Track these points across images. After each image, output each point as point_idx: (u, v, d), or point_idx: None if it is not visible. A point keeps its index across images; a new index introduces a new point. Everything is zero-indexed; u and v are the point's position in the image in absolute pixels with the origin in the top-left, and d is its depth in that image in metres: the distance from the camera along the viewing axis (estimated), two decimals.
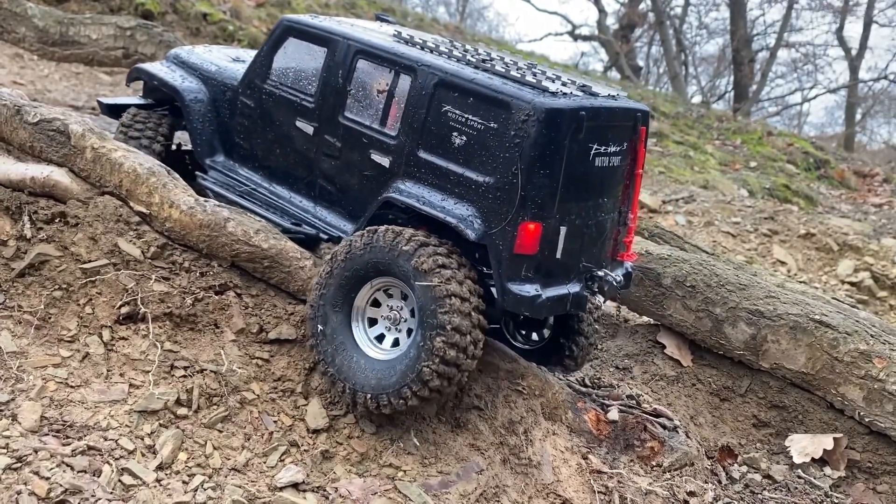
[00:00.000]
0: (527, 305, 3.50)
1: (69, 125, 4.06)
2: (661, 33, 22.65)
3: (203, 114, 4.57)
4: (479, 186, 3.50)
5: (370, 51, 3.91)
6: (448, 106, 3.59)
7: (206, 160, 4.56)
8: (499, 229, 3.44)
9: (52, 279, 3.80)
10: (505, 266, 3.46)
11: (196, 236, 3.90)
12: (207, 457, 3.38)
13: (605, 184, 3.72)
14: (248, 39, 11.13)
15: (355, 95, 3.96)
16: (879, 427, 4.19)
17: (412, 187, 3.68)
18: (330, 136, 4.03)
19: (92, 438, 3.25)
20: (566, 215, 3.54)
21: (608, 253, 3.91)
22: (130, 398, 3.49)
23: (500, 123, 3.44)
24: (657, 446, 3.90)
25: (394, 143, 3.77)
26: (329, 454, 3.55)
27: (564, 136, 3.41)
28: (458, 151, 3.57)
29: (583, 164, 3.54)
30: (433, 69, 3.65)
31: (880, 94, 22.94)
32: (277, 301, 4.01)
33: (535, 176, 3.39)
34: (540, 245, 3.46)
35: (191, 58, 4.84)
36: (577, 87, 3.66)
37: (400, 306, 3.64)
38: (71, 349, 3.64)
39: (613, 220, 3.87)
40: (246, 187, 4.41)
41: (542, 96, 3.41)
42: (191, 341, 3.79)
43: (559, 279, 3.62)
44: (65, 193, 4.01)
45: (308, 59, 4.15)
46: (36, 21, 7.85)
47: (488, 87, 3.49)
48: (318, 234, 4.11)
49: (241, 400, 3.65)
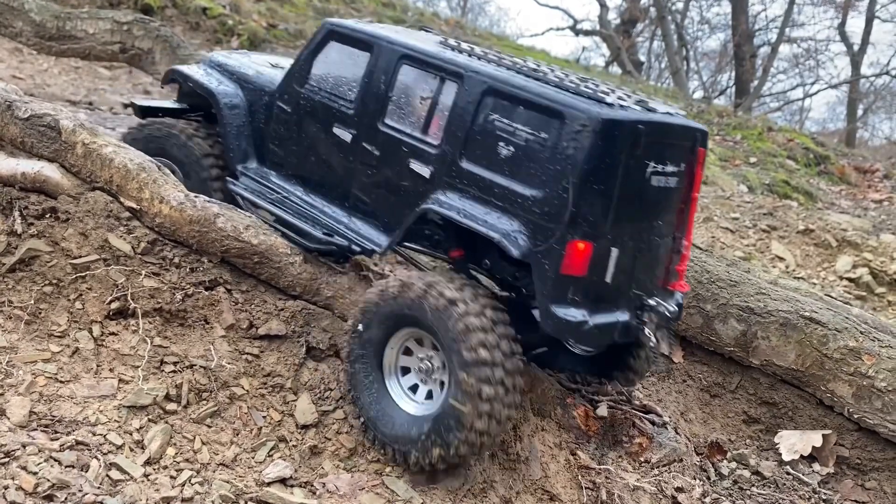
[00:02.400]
0: (571, 332, 3.30)
1: (60, 120, 4.06)
2: (663, 28, 22.57)
3: (238, 119, 4.45)
4: (526, 200, 3.31)
5: (415, 56, 3.77)
6: (496, 114, 3.43)
7: (239, 166, 4.41)
8: (545, 247, 3.24)
9: (42, 274, 3.81)
10: (550, 287, 3.25)
11: (186, 232, 3.90)
12: (196, 452, 3.40)
13: (660, 205, 3.53)
14: (247, 34, 11.12)
15: (397, 102, 3.82)
16: (868, 424, 4.20)
17: (453, 199, 3.51)
18: (368, 144, 3.88)
19: (80, 433, 3.26)
20: (619, 236, 3.34)
21: (660, 281, 3.67)
22: (120, 393, 3.51)
23: (552, 134, 3.27)
24: (646, 442, 3.91)
25: (435, 152, 3.62)
26: (317, 450, 3.57)
27: (621, 151, 3.23)
28: (504, 162, 3.40)
29: (639, 182, 3.35)
30: (481, 75, 3.50)
31: (882, 90, 22.85)
32: (267, 297, 4.02)
33: (587, 191, 3.21)
34: (589, 267, 3.25)
35: (228, 62, 4.72)
36: (634, 101, 3.48)
37: (430, 356, 3.49)
38: (61, 344, 3.65)
39: (667, 245, 3.64)
40: (278, 195, 4.26)
41: (599, 107, 3.23)
42: (181, 337, 3.80)
43: (608, 305, 3.41)
44: (56, 189, 4.01)
45: (349, 64, 4.03)
46: (33, 15, 7.82)
47: (541, 95, 3.32)
48: (351, 245, 3.93)
49: (231, 395, 3.66)
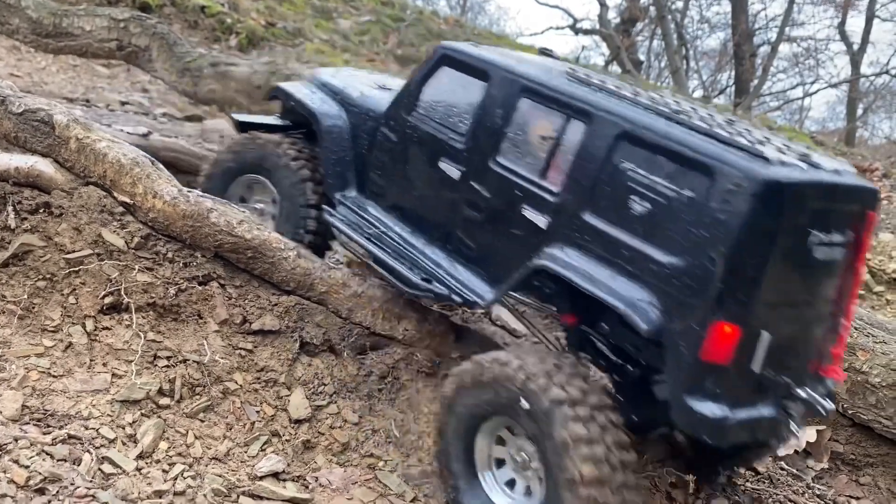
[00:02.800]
0: (708, 429, 2.81)
1: (53, 115, 4.06)
2: (663, 27, 22.56)
3: (339, 143, 4.13)
4: (662, 268, 2.83)
5: (538, 89, 3.33)
6: (630, 163, 2.96)
7: (337, 194, 4.08)
8: (683, 326, 2.76)
9: (35, 269, 3.80)
10: (685, 375, 2.77)
11: (179, 227, 3.90)
12: (188, 446, 3.40)
13: (822, 281, 3.02)
14: (246, 32, 11.12)
15: (513, 139, 3.40)
16: (863, 419, 4.19)
17: (572, 257, 3.06)
18: (477, 184, 3.48)
19: (73, 427, 3.26)
20: (772, 317, 2.83)
21: (811, 366, 3.14)
22: (113, 388, 3.50)
23: (700, 193, 2.78)
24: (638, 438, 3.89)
25: (554, 200, 3.19)
26: (310, 444, 3.57)
27: (782, 217, 2.73)
28: (637, 220, 2.92)
29: (800, 254, 2.85)
30: (615, 117, 3.04)
31: (882, 90, 22.80)
32: (261, 292, 4.02)
33: (739, 264, 2.72)
34: (735, 353, 2.76)
35: (333, 81, 4.43)
36: (797, 155, 2.95)
37: (520, 444, 3.09)
38: (54, 339, 3.65)
39: (825, 325, 3.12)
40: (375, 230, 3.92)
41: (758, 163, 2.72)
42: (174, 332, 3.80)
43: (752, 398, 2.92)
44: (49, 184, 4.01)
45: (463, 93, 3.64)
46: (30, 12, 7.82)
47: (687, 145, 2.84)
48: (451, 294, 3.51)
49: (224, 390, 3.66)
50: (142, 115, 7.32)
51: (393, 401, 3.84)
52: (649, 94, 3.43)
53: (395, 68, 11.95)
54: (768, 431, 3.01)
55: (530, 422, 2.91)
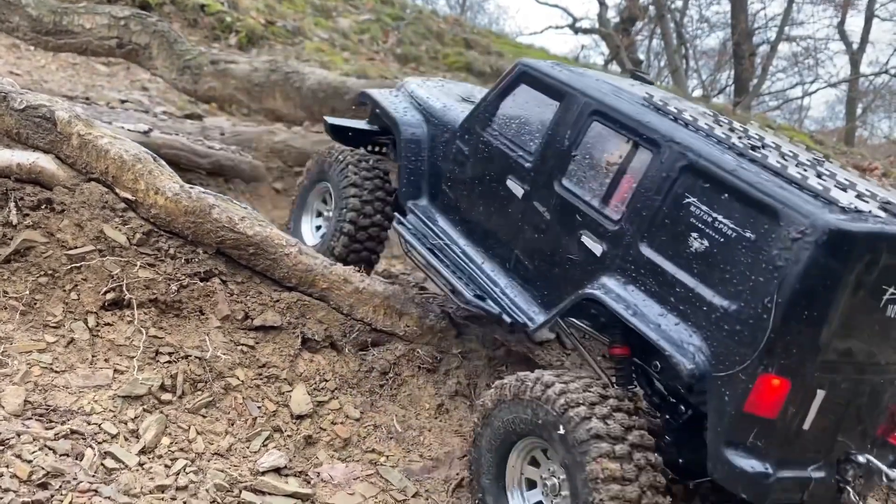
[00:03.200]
0: (747, 485, 2.67)
1: (55, 112, 4.06)
2: (662, 27, 22.58)
3: (416, 152, 4.17)
4: (714, 310, 2.72)
5: (608, 113, 3.28)
6: (693, 198, 2.85)
7: (409, 202, 4.13)
8: (728, 374, 2.63)
9: (37, 265, 3.81)
10: (727, 425, 2.65)
11: (181, 223, 3.91)
12: (190, 441, 3.40)
13: (893, 340, 2.81)
14: (245, 31, 11.12)
15: (580, 162, 3.35)
16: None
17: (623, 289, 2.98)
18: (540, 204, 3.44)
19: (75, 423, 3.27)
20: (829, 375, 2.67)
21: (879, 431, 2.94)
22: (115, 383, 3.51)
23: (761, 236, 2.65)
24: None
25: (613, 228, 3.11)
26: (312, 440, 3.58)
27: (850, 270, 2.56)
28: (694, 258, 2.81)
29: (868, 310, 2.66)
30: (682, 148, 2.94)
31: (881, 89, 22.83)
32: (263, 288, 4.02)
33: (795, 315, 2.57)
34: (783, 409, 2.63)
35: (419, 90, 4.50)
36: (880, 203, 2.79)
37: (552, 468, 3.02)
38: (56, 334, 3.66)
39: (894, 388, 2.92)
40: (439, 241, 3.93)
41: (827, 211, 2.57)
42: (176, 327, 3.80)
43: (800, 457, 2.75)
44: (51, 180, 4.02)
45: (537, 112, 3.63)
46: (30, 10, 7.82)
47: (752, 184, 2.71)
48: (502, 314, 3.47)
49: (226, 386, 3.66)
50: (142, 113, 7.32)
51: (394, 396, 3.85)
52: (732, 125, 3.32)
53: (395, 67, 11.96)
54: (818, 495, 2.81)
55: (564, 449, 2.84)
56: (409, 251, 3.99)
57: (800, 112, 25.33)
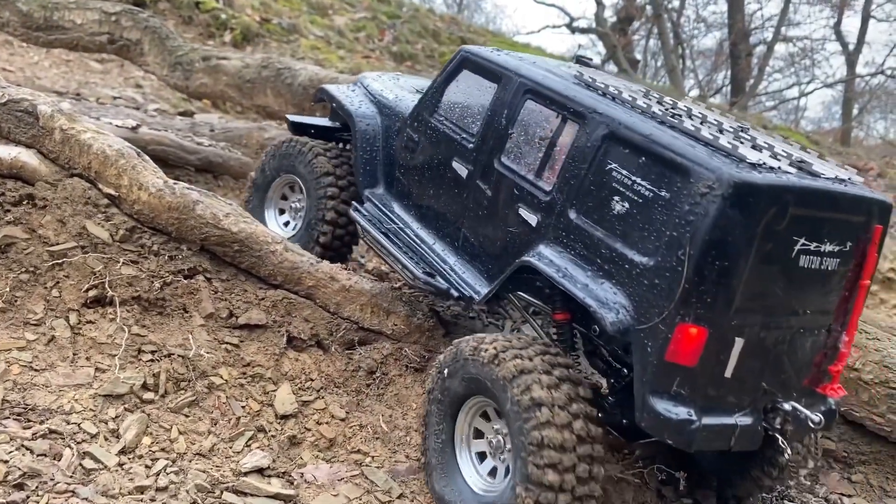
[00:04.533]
0: (672, 431, 2.76)
1: (38, 106, 4.00)
2: (659, 26, 22.54)
3: (371, 142, 4.32)
4: (635, 267, 2.85)
5: (540, 91, 3.43)
6: (614, 164, 3.00)
7: (366, 191, 4.27)
8: (649, 326, 2.75)
9: (18, 262, 3.75)
10: (650, 375, 2.76)
11: (165, 219, 3.85)
12: (172, 441, 3.34)
13: (811, 291, 2.91)
14: (240, 28, 11.05)
15: (516, 140, 3.50)
16: (855, 417, 4.16)
17: (556, 255, 3.12)
18: (482, 182, 3.59)
19: (54, 422, 3.21)
20: (746, 324, 2.78)
21: (805, 381, 3.06)
22: (96, 382, 3.45)
23: (674, 193, 2.78)
24: None
25: (546, 199, 3.26)
26: (296, 440, 3.52)
27: (757, 222, 2.67)
28: (616, 220, 2.96)
29: (781, 261, 2.78)
30: (604, 118, 3.10)
31: (877, 90, 22.80)
32: (248, 286, 3.97)
33: (707, 266, 2.67)
34: (702, 357, 2.72)
35: (374, 84, 4.66)
36: (793, 161, 2.93)
37: (504, 431, 3.09)
38: (37, 332, 3.59)
39: (819, 339, 3.02)
40: (393, 226, 4.07)
41: (735, 166, 2.70)
42: (159, 325, 3.74)
43: (725, 405, 2.86)
44: (33, 175, 3.96)
45: (478, 95, 3.78)
46: (20, 5, 7.74)
47: (666, 146, 2.85)
48: (450, 289, 3.62)
49: (209, 385, 3.61)
50: (132, 110, 7.25)
51: (381, 396, 3.80)
52: (660, 98, 3.42)
53: (391, 65, 11.90)
54: (745, 441, 2.92)
55: (510, 412, 2.93)
56: (364, 236, 4.15)
57: (796, 112, 25.34)
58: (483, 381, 3.04)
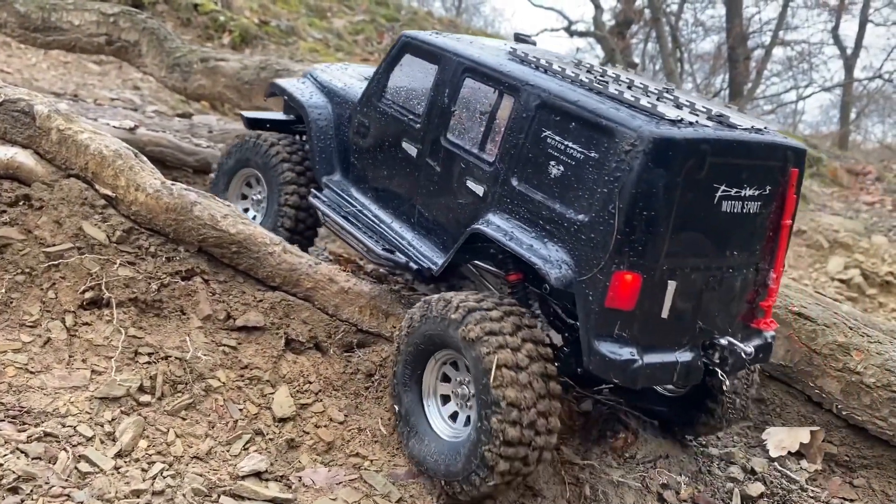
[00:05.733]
0: (617, 371, 3.00)
1: (34, 106, 3.97)
2: (658, 30, 22.57)
3: (324, 131, 4.49)
4: (573, 225, 3.07)
5: (477, 68, 3.63)
6: (548, 131, 3.21)
7: (324, 178, 4.45)
8: (589, 277, 2.98)
9: (14, 263, 3.71)
10: (594, 321, 2.99)
11: (162, 220, 3.82)
12: (169, 444, 3.31)
13: (735, 234, 3.15)
14: (239, 30, 11.03)
15: (459, 117, 3.70)
16: (857, 420, 4.14)
17: (503, 221, 3.33)
18: (431, 160, 3.78)
19: (49, 425, 3.17)
20: (677, 267, 3.01)
21: (739, 317, 3.31)
22: (92, 384, 3.42)
23: (601, 153, 3.00)
24: (630, 437, 3.84)
25: (489, 169, 3.46)
26: (295, 443, 3.48)
27: (677, 173, 2.89)
28: (553, 183, 3.18)
29: (704, 207, 3.00)
30: (537, 89, 3.30)
31: (875, 94, 22.86)
32: (246, 287, 3.94)
33: (635, 217, 2.90)
34: (639, 300, 2.96)
35: (322, 75, 4.81)
36: (711, 115, 3.15)
37: (467, 380, 3.28)
38: (32, 334, 3.56)
39: (748, 278, 3.26)
40: (352, 208, 4.25)
41: (655, 123, 2.91)
42: (156, 327, 3.71)
43: (665, 343, 3.10)
44: (29, 175, 3.93)
45: (420, 78, 3.96)
46: (17, 6, 7.71)
47: (592, 110, 3.07)
48: (409, 262, 3.80)
49: (207, 387, 3.57)
50: (129, 111, 7.22)
51: (380, 399, 3.76)
52: (590, 67, 3.68)
53: None
54: (686, 376, 3.17)
55: (476, 369, 3.10)
56: (325, 221, 4.31)
57: (794, 116, 25.36)
58: (451, 338, 3.20)
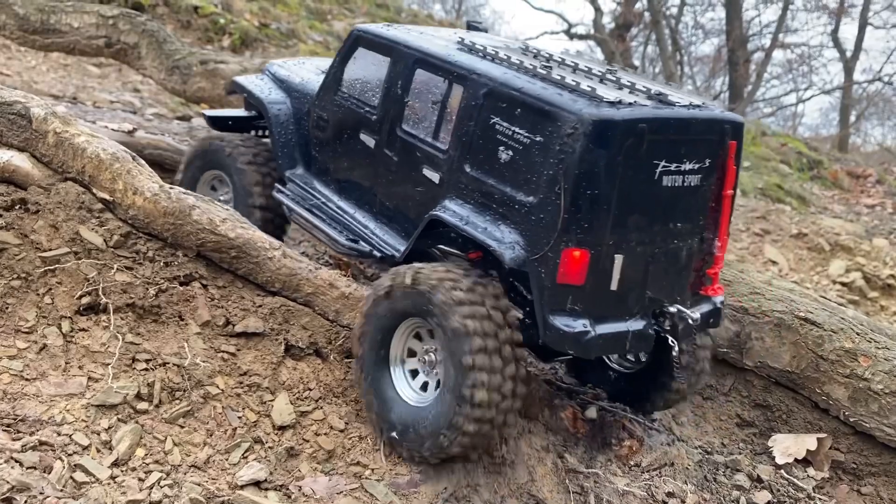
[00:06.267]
0: (571, 342, 3.17)
1: (31, 108, 3.92)
2: (657, 33, 22.55)
3: (285, 126, 4.54)
4: (523, 207, 3.22)
5: (427, 60, 3.74)
6: (496, 118, 3.34)
7: (287, 173, 4.50)
8: (540, 255, 3.14)
9: (10, 268, 3.66)
10: (547, 297, 3.15)
11: (160, 224, 3.77)
12: (166, 453, 3.25)
13: (677, 206, 3.31)
14: (239, 32, 10.99)
15: (412, 107, 3.80)
16: (864, 427, 4.08)
17: (459, 206, 3.45)
18: (388, 150, 3.89)
19: (45, 433, 3.12)
20: (623, 242, 3.18)
21: (688, 286, 3.48)
22: (88, 392, 3.36)
23: (546, 137, 3.15)
24: (636, 445, 3.79)
25: (444, 157, 3.58)
26: (294, 451, 3.43)
27: (617, 152, 3.05)
28: (503, 168, 3.31)
29: (645, 183, 3.16)
30: (484, 78, 3.42)
31: (875, 96, 22.84)
32: (245, 293, 3.88)
33: (580, 196, 3.06)
34: (588, 274, 3.12)
35: (280, 70, 4.84)
36: (650, 95, 3.28)
37: (434, 347, 3.38)
38: (28, 340, 3.50)
39: (693, 248, 3.42)
40: (316, 201, 4.33)
41: (594, 106, 3.06)
42: (154, 333, 3.65)
43: (616, 314, 3.27)
44: (25, 179, 3.87)
45: (374, 70, 4.04)
46: (16, 8, 7.66)
47: (536, 96, 3.21)
48: (373, 251, 3.92)
49: (205, 394, 3.52)
50: (128, 113, 7.17)
51: None
52: (537, 52, 3.79)
53: None
54: (638, 344, 3.34)
55: (446, 337, 3.18)
56: (290, 214, 4.39)
57: (794, 119, 25.34)
58: (421, 306, 3.27)
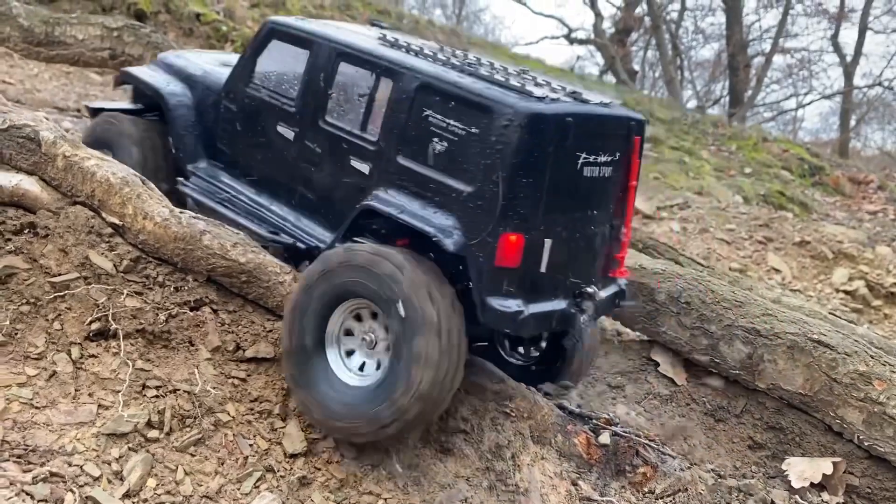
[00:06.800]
0: (508, 322, 3.37)
1: (40, 132, 3.89)
2: (658, 38, 22.56)
3: (186, 118, 4.50)
4: (460, 195, 3.36)
5: (352, 53, 3.83)
6: (429, 111, 3.47)
7: (189, 166, 4.47)
8: (478, 240, 3.30)
9: (19, 293, 3.63)
10: (485, 280, 3.31)
11: (171, 249, 3.74)
12: (178, 483, 3.22)
13: (594, 195, 3.60)
14: (241, 40, 10.97)
15: (336, 100, 3.88)
16: (879, 452, 4.06)
17: (392, 196, 3.54)
18: (310, 142, 3.94)
19: (55, 464, 3.08)
20: (551, 227, 3.41)
21: (600, 270, 3.77)
22: (99, 420, 3.33)
23: (482, 129, 3.31)
24: (650, 471, 3.77)
25: (373, 148, 3.68)
26: (306, 480, 3.40)
27: (549, 144, 3.29)
28: (438, 158, 3.45)
29: (570, 173, 3.42)
30: (415, 72, 3.55)
31: (875, 101, 22.85)
32: (255, 317, 3.86)
33: (516, 185, 3.27)
34: (523, 258, 3.32)
35: (178, 61, 4.79)
36: (567, 93, 3.55)
37: (373, 327, 3.46)
38: (37, 367, 3.47)
39: (605, 234, 3.72)
40: (226, 194, 4.32)
41: (526, 101, 3.28)
42: (164, 359, 3.63)
43: (544, 295, 3.50)
44: (34, 203, 3.84)
45: (291, 63, 4.06)
46: (21, 20, 7.64)
47: (470, 90, 3.37)
48: (296, 242, 3.97)
49: (216, 422, 3.49)
50: None
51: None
52: (453, 51, 3.96)
53: None
54: (562, 322, 3.58)
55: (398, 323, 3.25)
56: (198, 208, 4.30)
57: (794, 123, 25.36)
58: (361, 285, 3.33)
